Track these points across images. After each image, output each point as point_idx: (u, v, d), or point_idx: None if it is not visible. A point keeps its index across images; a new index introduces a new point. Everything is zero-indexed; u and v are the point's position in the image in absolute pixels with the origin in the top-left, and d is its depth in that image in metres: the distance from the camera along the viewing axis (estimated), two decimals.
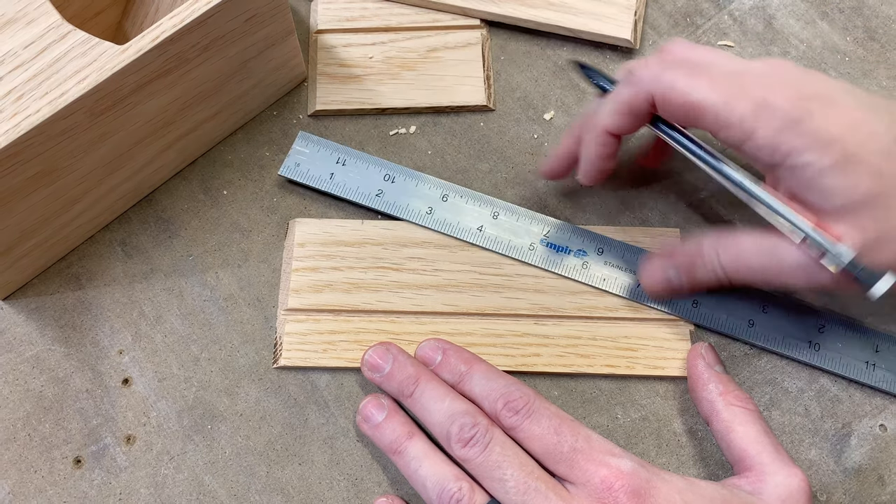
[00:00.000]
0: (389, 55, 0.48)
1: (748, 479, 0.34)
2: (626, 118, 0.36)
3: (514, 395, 0.35)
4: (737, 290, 0.39)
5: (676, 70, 0.35)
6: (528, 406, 0.34)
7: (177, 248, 0.43)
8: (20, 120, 0.34)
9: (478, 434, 0.34)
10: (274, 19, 0.42)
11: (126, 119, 0.38)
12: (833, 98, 0.33)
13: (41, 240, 0.40)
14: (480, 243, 0.42)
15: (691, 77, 0.34)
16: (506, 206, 0.43)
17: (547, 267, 0.41)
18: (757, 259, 0.35)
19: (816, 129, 0.32)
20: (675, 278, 0.39)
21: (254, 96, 0.45)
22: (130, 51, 0.36)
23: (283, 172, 0.44)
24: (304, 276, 0.41)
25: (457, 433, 0.34)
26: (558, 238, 0.42)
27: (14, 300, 0.42)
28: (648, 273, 0.40)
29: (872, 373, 0.39)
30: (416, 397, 0.36)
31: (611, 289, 0.41)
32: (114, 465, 0.38)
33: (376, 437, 0.37)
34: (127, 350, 0.41)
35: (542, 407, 0.35)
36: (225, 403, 0.39)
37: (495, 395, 0.35)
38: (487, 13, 0.48)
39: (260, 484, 0.38)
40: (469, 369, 0.37)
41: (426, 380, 0.36)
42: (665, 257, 0.39)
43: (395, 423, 0.36)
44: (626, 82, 0.36)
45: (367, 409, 0.37)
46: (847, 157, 0.32)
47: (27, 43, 0.37)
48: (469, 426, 0.34)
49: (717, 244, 0.37)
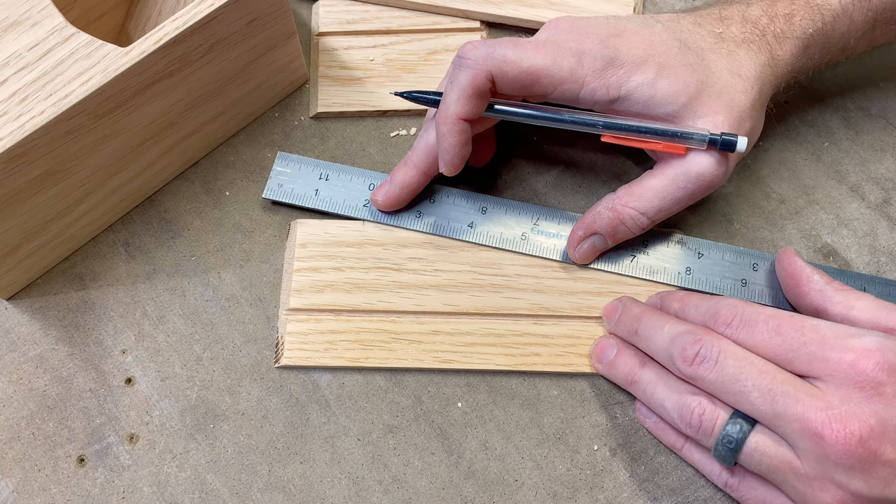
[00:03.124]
0: (390, 57, 0.48)
1: None
2: (472, 100, 0.38)
3: (722, 311, 0.35)
4: (727, 254, 0.42)
5: (502, 45, 0.37)
6: (739, 315, 0.34)
7: (179, 248, 0.43)
8: (25, 121, 0.35)
9: (703, 350, 0.33)
10: (276, 22, 0.42)
11: (129, 121, 0.39)
12: (623, 30, 0.38)
13: (45, 240, 0.41)
14: (473, 240, 0.42)
15: (517, 48, 0.37)
16: (494, 200, 0.43)
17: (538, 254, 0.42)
18: (673, 188, 0.38)
19: (628, 56, 0.37)
20: (601, 244, 0.41)
21: (256, 98, 0.46)
22: (134, 53, 0.36)
23: (267, 195, 0.44)
24: (306, 276, 0.42)
25: (679, 353, 0.34)
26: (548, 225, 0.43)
27: (18, 300, 0.42)
28: (577, 249, 0.41)
29: None
30: (640, 332, 0.37)
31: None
32: (117, 464, 0.38)
33: (611, 373, 0.39)
34: (130, 350, 0.41)
35: (754, 312, 0.34)
36: (227, 402, 0.40)
37: (703, 317, 0.36)
38: (488, 14, 0.49)
39: (262, 482, 0.38)
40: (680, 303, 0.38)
41: (648, 314, 0.38)
42: (585, 228, 0.41)
43: (626, 357, 0.38)
44: (460, 67, 0.38)
45: (599, 350, 0.39)
46: (662, 66, 0.37)
47: (31, 45, 0.37)
48: (691, 343, 0.34)
49: (630, 199, 0.39)
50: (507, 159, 0.46)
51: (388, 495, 0.38)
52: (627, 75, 0.37)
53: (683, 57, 0.38)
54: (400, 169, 0.42)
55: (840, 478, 0.30)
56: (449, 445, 0.39)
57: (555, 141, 0.47)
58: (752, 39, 0.39)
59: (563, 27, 0.39)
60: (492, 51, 0.37)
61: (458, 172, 0.40)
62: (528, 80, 0.37)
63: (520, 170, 0.46)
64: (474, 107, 0.38)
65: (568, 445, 0.39)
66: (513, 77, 0.37)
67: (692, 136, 0.37)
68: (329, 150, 0.46)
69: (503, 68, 0.37)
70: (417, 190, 0.42)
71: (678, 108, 0.37)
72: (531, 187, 0.45)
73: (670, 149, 0.38)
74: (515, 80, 0.37)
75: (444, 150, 0.39)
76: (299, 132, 0.47)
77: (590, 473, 0.38)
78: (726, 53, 0.39)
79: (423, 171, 0.41)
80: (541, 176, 0.46)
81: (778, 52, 0.39)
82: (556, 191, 0.45)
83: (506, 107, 0.39)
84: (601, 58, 0.37)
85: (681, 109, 0.37)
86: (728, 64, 0.38)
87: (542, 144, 0.47)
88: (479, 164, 0.45)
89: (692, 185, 0.38)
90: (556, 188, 0.45)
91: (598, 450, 0.39)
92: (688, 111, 0.37)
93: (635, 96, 0.37)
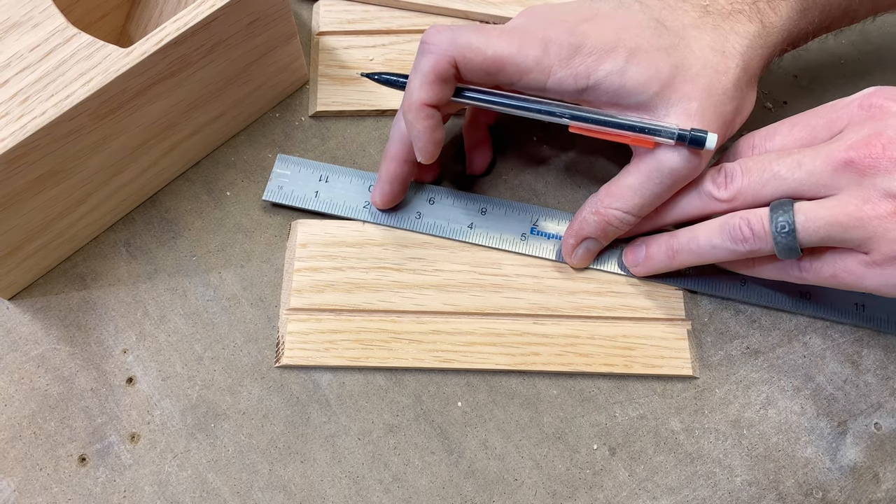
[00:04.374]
0: (390, 57, 0.48)
1: None
2: (436, 86, 0.37)
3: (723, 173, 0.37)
4: None
5: (467, 30, 0.36)
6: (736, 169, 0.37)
7: (180, 248, 0.44)
8: (26, 122, 0.35)
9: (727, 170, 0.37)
10: (276, 23, 0.42)
11: (130, 121, 0.39)
12: (595, 14, 0.37)
13: (46, 240, 0.41)
14: (473, 241, 0.42)
15: (482, 34, 0.36)
16: (494, 201, 0.43)
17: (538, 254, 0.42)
18: (650, 184, 0.38)
19: (596, 43, 0.36)
20: (595, 246, 0.41)
21: (256, 98, 0.46)
22: (135, 54, 0.37)
23: (267, 197, 0.44)
24: (306, 276, 0.42)
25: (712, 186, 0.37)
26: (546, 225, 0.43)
27: (20, 300, 0.42)
28: (573, 256, 0.41)
29: (862, 313, 0.40)
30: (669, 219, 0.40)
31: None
32: (118, 463, 0.38)
33: (651, 265, 0.40)
34: (131, 349, 0.41)
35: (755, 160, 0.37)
36: (228, 402, 0.40)
37: None
38: (488, 15, 0.49)
39: (262, 481, 0.38)
40: None
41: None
42: (575, 235, 0.41)
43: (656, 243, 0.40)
44: (423, 52, 0.37)
45: (630, 255, 0.41)
46: (633, 52, 0.36)
47: (33, 46, 0.37)
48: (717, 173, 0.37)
49: (611, 201, 0.39)
50: (506, 159, 0.46)
51: (388, 494, 0.38)
52: (596, 63, 0.36)
53: (658, 39, 0.36)
54: (383, 164, 0.41)
55: (885, 185, 0.32)
56: (449, 445, 0.39)
57: (555, 141, 0.47)
58: (741, 9, 0.37)
59: (536, 14, 0.38)
60: (455, 36, 0.36)
61: (436, 159, 0.39)
62: (492, 67, 0.36)
63: (520, 170, 0.46)
64: (438, 93, 0.37)
65: (567, 445, 0.39)
66: (477, 64, 0.36)
67: (660, 132, 0.36)
68: (329, 150, 0.46)
69: (466, 54, 0.36)
70: (406, 180, 0.42)
71: (649, 97, 0.36)
72: (531, 187, 0.45)
73: (640, 142, 0.37)
74: (480, 68, 0.36)
75: (415, 138, 0.38)
76: (300, 132, 0.47)
77: (589, 473, 0.38)
78: (711, 28, 0.37)
79: (403, 159, 0.41)
80: (541, 176, 0.46)
81: (771, 19, 0.38)
82: (556, 191, 0.45)
83: (474, 93, 0.38)
84: (567, 46, 0.36)
85: (652, 99, 0.36)
86: (712, 40, 0.37)
87: (542, 144, 0.47)
88: (477, 171, 0.45)
89: (667, 179, 0.37)
90: (556, 188, 0.45)
91: (598, 449, 0.39)
92: (660, 100, 0.36)
93: (604, 86, 0.36)
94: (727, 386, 0.40)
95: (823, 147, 0.34)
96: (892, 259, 0.33)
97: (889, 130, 0.33)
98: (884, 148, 0.33)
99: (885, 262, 0.33)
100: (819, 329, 0.41)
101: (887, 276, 0.33)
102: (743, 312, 0.42)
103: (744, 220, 0.35)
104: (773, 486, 0.38)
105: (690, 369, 0.40)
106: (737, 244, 0.36)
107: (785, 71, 0.48)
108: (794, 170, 0.35)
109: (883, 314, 0.40)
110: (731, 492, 0.38)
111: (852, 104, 0.35)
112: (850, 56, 0.48)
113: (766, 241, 0.35)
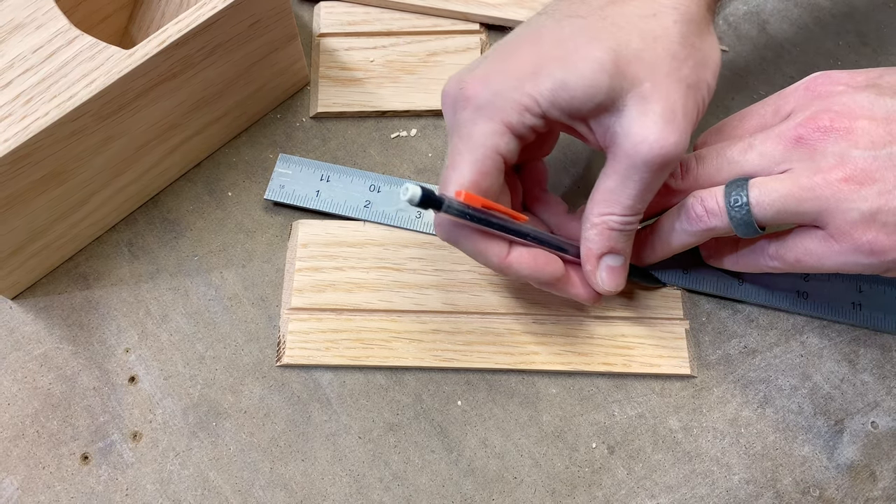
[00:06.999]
0: (390, 59, 0.48)
1: None
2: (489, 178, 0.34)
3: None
4: None
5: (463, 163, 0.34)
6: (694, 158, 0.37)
7: (182, 248, 0.44)
8: (29, 123, 0.35)
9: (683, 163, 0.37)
10: (278, 25, 0.42)
11: (132, 122, 0.39)
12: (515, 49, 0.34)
13: (49, 240, 0.41)
14: None
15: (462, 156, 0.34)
16: None
17: None
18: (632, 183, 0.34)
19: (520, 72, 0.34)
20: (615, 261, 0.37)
21: (258, 99, 0.46)
22: (137, 55, 0.37)
23: (269, 196, 0.44)
24: (307, 275, 0.42)
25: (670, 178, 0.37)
26: None
27: (23, 299, 0.42)
28: (599, 281, 0.37)
29: (859, 313, 0.41)
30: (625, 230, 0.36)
31: None
32: (120, 462, 0.39)
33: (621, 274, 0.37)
34: (133, 348, 0.41)
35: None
36: (229, 401, 0.40)
37: None
38: (488, 17, 0.49)
39: (264, 480, 0.38)
40: None
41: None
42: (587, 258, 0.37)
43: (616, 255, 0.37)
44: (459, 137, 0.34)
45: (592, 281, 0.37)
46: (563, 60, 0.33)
47: (36, 47, 0.38)
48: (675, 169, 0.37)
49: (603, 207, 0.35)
50: None
51: (388, 492, 0.38)
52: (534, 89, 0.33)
53: (581, 34, 0.33)
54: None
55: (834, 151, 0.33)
56: (449, 443, 0.39)
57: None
58: None
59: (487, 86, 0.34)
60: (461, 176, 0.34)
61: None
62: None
63: None
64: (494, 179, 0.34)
65: (566, 443, 0.39)
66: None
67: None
68: (330, 151, 0.47)
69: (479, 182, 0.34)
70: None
71: (605, 94, 0.32)
72: None
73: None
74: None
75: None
76: (301, 133, 0.47)
77: (588, 471, 0.38)
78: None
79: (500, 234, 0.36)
80: None
81: None
82: (555, 191, 0.45)
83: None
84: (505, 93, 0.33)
85: (609, 94, 0.32)
86: (636, 7, 0.33)
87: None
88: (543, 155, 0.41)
89: (645, 171, 0.33)
90: (555, 188, 0.45)
91: (597, 447, 0.39)
92: (616, 93, 0.32)
93: (560, 105, 0.33)
94: (725, 385, 0.40)
95: (774, 129, 0.35)
96: (847, 233, 0.33)
97: (835, 106, 0.34)
98: (831, 121, 0.33)
99: (840, 235, 0.33)
100: (816, 328, 0.41)
101: (846, 252, 0.33)
102: (741, 312, 0.42)
103: (697, 198, 0.36)
104: (771, 485, 0.38)
105: (688, 368, 0.40)
106: (692, 224, 0.36)
107: (784, 72, 0.48)
108: (746, 152, 0.35)
109: (880, 313, 0.41)
110: (729, 490, 0.38)
111: (798, 89, 0.36)
112: (846, 58, 0.48)
113: (722, 219, 0.35)
